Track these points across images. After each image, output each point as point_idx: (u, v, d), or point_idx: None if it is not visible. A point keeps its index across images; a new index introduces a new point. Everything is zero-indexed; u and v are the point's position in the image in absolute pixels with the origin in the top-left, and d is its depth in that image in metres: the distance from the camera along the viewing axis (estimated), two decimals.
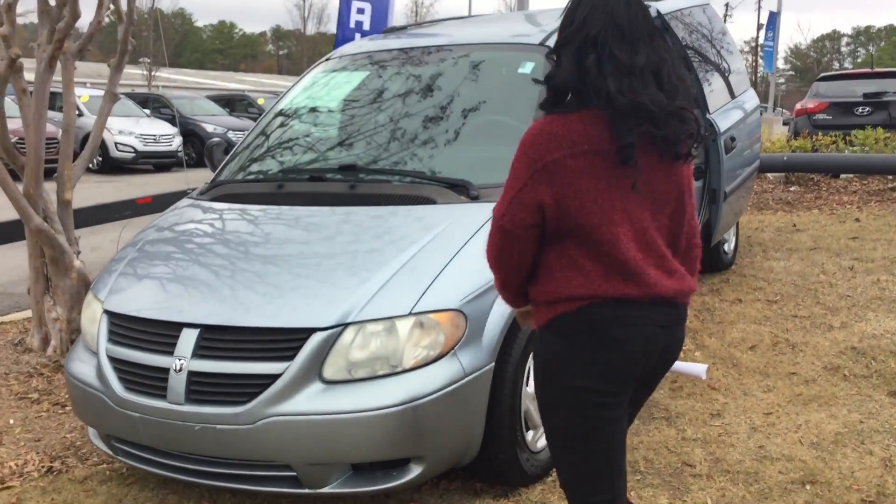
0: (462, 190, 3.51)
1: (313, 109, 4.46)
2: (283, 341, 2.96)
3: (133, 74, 30.70)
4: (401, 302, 3.00)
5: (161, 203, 7.17)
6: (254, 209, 3.75)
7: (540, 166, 2.04)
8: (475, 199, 3.48)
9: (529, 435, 3.35)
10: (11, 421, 4.23)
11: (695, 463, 3.45)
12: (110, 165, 17.12)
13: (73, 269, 5.10)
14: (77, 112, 16.22)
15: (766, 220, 7.30)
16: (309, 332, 2.93)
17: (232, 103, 24.84)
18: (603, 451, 2.12)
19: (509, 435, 3.20)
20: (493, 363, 3.12)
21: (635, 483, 3.34)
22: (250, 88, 38.66)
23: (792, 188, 8.53)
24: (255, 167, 4.21)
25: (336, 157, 3.96)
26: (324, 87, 4.57)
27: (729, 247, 5.94)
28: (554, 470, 3.42)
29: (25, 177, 5.04)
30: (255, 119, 22.46)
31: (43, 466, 3.75)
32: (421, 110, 3.98)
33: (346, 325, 2.94)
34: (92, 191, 13.46)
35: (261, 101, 24.99)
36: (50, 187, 5.19)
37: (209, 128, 19.56)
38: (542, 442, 3.42)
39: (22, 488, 3.54)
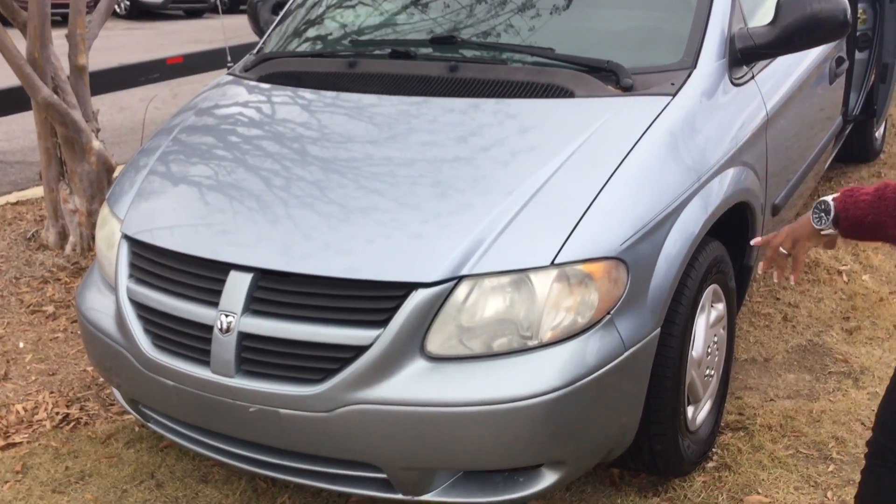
0: (609, 77, 2.52)
1: None
2: (372, 299, 2.08)
3: None
4: (537, 246, 2.09)
5: (193, 63, 6.20)
6: (319, 95, 2.79)
7: None
8: (628, 89, 2.49)
9: (690, 411, 2.51)
10: (21, 344, 3.48)
11: None
12: (139, 10, 16.01)
13: (92, 152, 4.22)
14: None
15: None
16: (408, 287, 2.05)
17: None
18: None
19: (671, 420, 2.35)
20: (660, 328, 2.24)
21: (829, 476, 2.51)
22: None
23: None
24: (314, 35, 3.20)
25: (427, 25, 2.93)
26: None
27: (879, 132, 4.90)
28: (714, 454, 2.60)
29: (28, 38, 4.08)
30: None
31: (57, 413, 3.00)
32: None
33: (460, 278, 2.05)
34: (121, 38, 12.46)
35: None
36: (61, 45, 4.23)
37: None
38: (701, 417, 2.59)
39: (29, 448, 2.80)
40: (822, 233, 1.71)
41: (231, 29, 9.46)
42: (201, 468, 2.67)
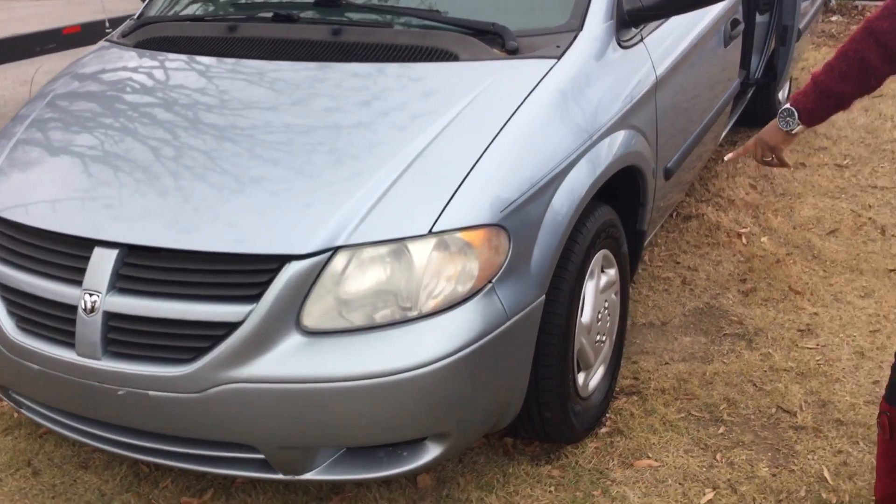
0: (494, 40, 2.45)
1: None
2: (244, 273, 2.00)
3: None
4: (415, 214, 2.03)
5: (92, 33, 5.92)
6: (195, 61, 2.68)
7: None
8: (513, 52, 2.43)
9: (581, 378, 2.49)
10: None
11: (794, 408, 2.63)
12: None
13: None
14: None
15: (811, 59, 6.24)
16: (281, 260, 1.97)
17: None
18: None
19: (559, 388, 2.33)
20: (544, 296, 2.20)
21: (719, 438, 2.52)
22: None
23: (833, 18, 7.38)
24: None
25: None
26: None
27: (783, 94, 4.94)
28: (605, 422, 2.59)
29: None
30: None
31: None
32: None
33: (336, 249, 1.98)
34: (29, 10, 11.95)
35: None
36: None
37: None
38: (593, 383, 2.57)
39: None
40: (793, 132, 2.05)
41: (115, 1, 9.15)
42: (81, 454, 2.56)
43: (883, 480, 1.99)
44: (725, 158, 2.28)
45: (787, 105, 2.05)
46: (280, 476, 2.12)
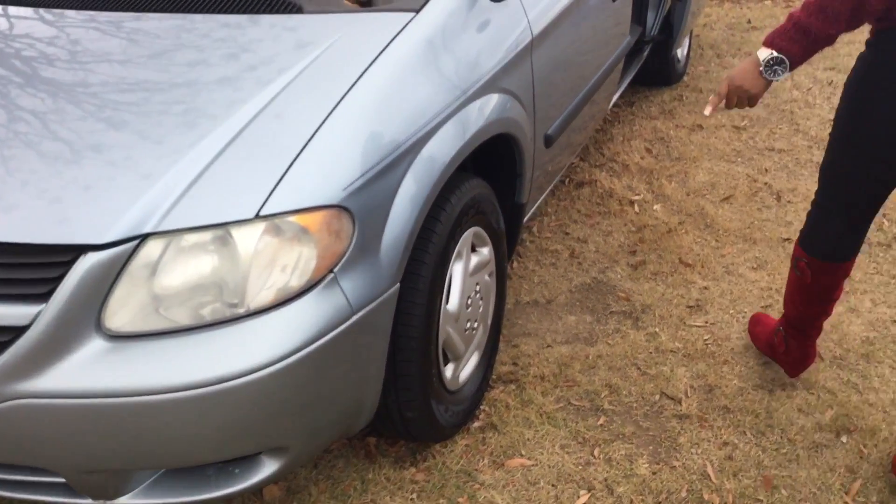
0: None
1: None
2: (30, 267, 1.67)
3: None
4: (241, 194, 1.73)
5: None
6: (43, 10, 2.32)
7: None
8: (366, 5, 2.14)
9: (449, 370, 2.25)
10: None
11: (678, 395, 2.44)
12: None
13: None
14: None
15: (714, 15, 6.08)
16: (77, 250, 1.65)
17: None
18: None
19: (421, 384, 2.08)
20: (398, 285, 1.94)
21: (598, 431, 2.32)
22: None
23: None
24: None
25: None
26: None
27: (682, 52, 4.74)
28: (479, 415, 2.37)
29: None
30: None
31: None
32: None
33: (144, 237, 1.67)
34: None
35: None
36: None
37: None
38: (464, 374, 2.33)
39: None
40: (780, 79, 1.99)
41: None
42: None
43: (814, 307, 2.26)
44: (706, 113, 2.11)
45: (774, 53, 1.93)
46: (89, 501, 1.82)
